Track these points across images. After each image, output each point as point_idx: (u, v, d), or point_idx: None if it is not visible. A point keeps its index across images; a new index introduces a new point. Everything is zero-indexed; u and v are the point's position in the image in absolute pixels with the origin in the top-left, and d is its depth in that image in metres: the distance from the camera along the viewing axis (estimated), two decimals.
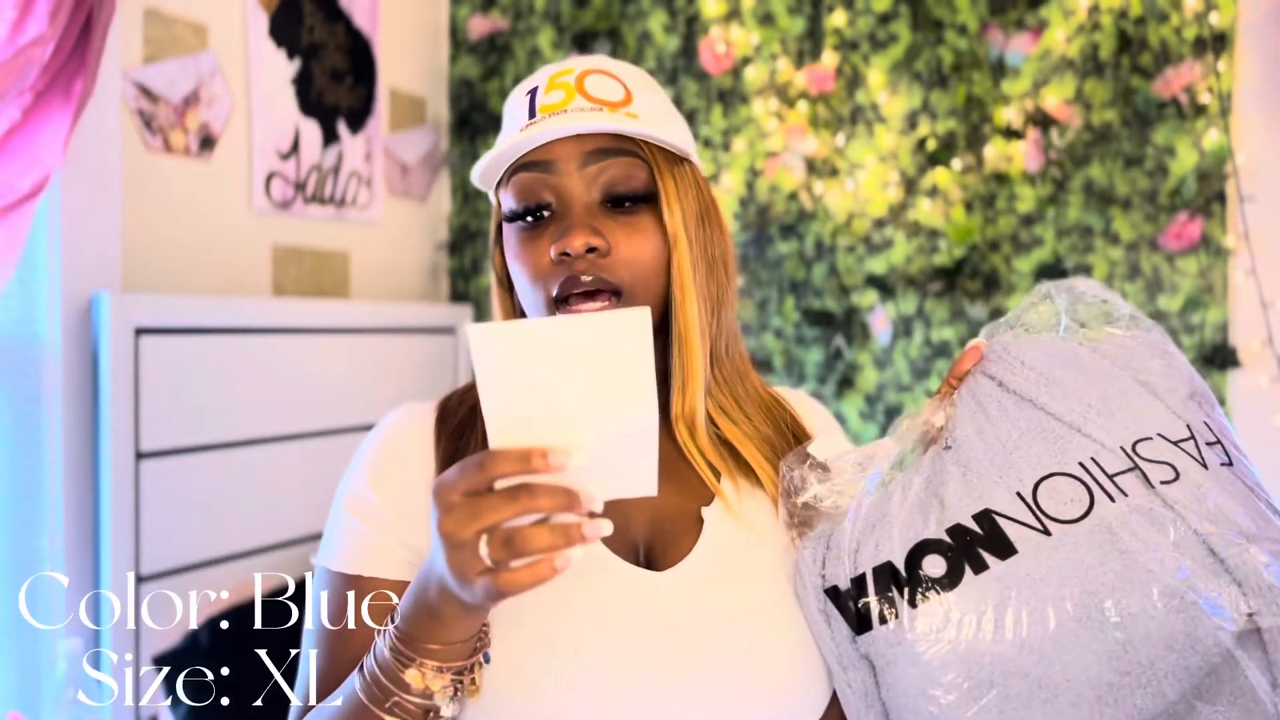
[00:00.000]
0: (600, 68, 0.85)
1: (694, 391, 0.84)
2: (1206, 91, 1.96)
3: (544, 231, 0.81)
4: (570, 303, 0.79)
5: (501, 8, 2.55)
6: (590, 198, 0.81)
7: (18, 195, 1.48)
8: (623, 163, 0.81)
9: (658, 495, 0.82)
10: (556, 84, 0.83)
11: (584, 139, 0.80)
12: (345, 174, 2.29)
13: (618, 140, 0.81)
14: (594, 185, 0.81)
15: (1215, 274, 1.99)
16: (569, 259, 0.79)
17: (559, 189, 0.81)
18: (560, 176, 0.81)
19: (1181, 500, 0.70)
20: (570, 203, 0.81)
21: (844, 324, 2.26)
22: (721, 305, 0.87)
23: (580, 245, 0.78)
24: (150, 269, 1.84)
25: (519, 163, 0.82)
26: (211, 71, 1.95)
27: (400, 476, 0.83)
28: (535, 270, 0.81)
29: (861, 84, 2.23)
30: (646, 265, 0.81)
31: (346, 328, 2.17)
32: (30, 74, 1.43)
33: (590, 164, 0.80)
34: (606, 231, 0.80)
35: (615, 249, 0.79)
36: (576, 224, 0.79)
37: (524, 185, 0.81)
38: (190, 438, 1.79)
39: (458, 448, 0.84)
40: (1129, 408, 0.76)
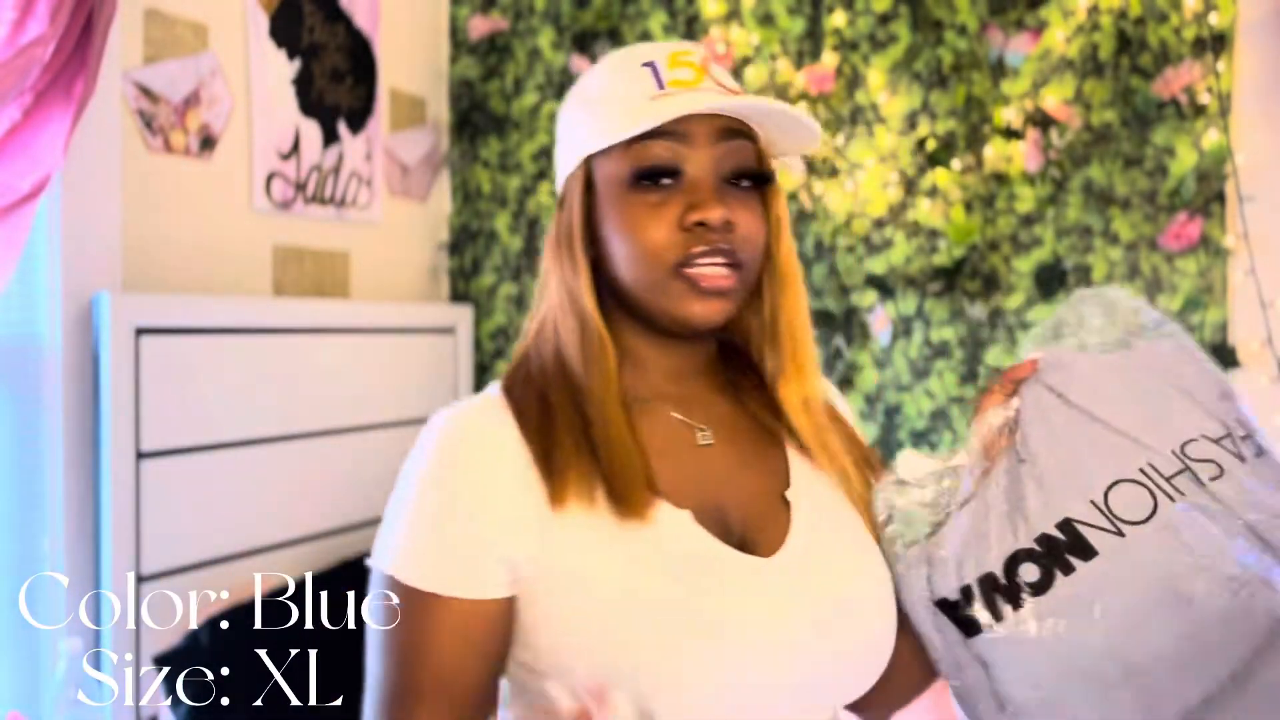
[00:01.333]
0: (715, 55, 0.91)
1: (811, 373, 0.89)
2: (1206, 92, 1.96)
3: (668, 200, 0.82)
4: (695, 265, 0.81)
5: (501, 8, 2.55)
6: (719, 174, 0.83)
7: (18, 195, 1.48)
8: (746, 145, 0.84)
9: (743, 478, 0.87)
10: (681, 62, 0.85)
11: (716, 118, 0.83)
12: (345, 174, 2.29)
13: (740, 125, 0.84)
14: (723, 162, 0.83)
15: (1215, 274, 1.99)
16: (703, 229, 0.81)
17: (691, 160, 0.82)
18: (693, 149, 0.82)
19: (1228, 494, 0.79)
20: (702, 174, 0.82)
21: (844, 324, 2.26)
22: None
23: (720, 217, 0.80)
24: (150, 269, 1.85)
25: (652, 131, 0.82)
26: (212, 72, 1.95)
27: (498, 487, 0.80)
28: (658, 237, 0.81)
29: (861, 84, 2.23)
30: (758, 245, 0.84)
31: (347, 328, 2.17)
32: (31, 74, 1.43)
33: (721, 142, 0.83)
34: (732, 208, 0.82)
35: (739, 225, 0.82)
36: (714, 196, 0.81)
37: (657, 151, 0.82)
38: (190, 438, 1.79)
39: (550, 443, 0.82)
40: (1172, 413, 0.84)
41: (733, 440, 0.89)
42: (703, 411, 0.89)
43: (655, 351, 0.88)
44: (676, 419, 0.88)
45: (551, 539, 0.79)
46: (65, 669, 1.49)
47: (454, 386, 2.48)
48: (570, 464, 0.81)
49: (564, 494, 0.80)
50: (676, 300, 0.82)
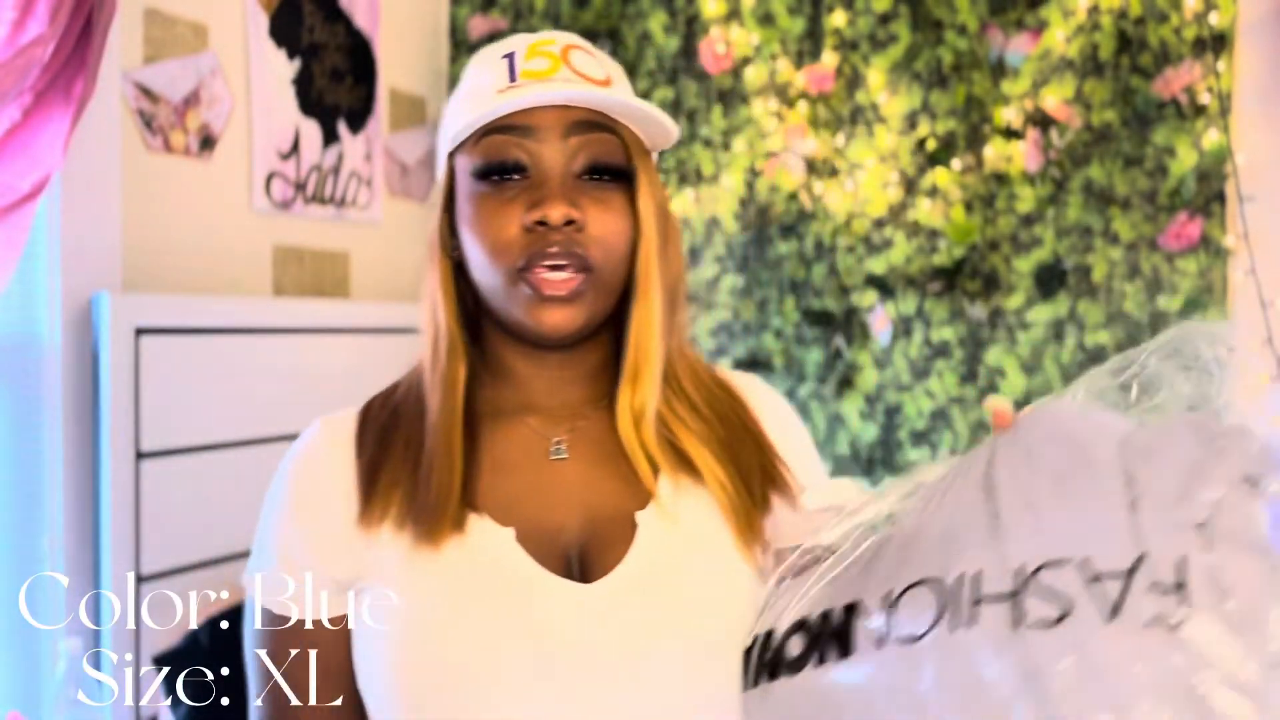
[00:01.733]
0: (582, 44, 0.82)
1: (647, 386, 0.80)
2: (1206, 91, 1.96)
3: (514, 198, 0.77)
4: (535, 271, 0.75)
5: (501, 8, 2.55)
6: (569, 169, 0.78)
7: (18, 195, 1.48)
8: (605, 139, 0.78)
9: (594, 496, 0.79)
10: (540, 52, 0.79)
11: (569, 110, 0.77)
12: (345, 174, 2.29)
13: (601, 117, 0.78)
14: (575, 157, 0.78)
15: (1215, 274, 1.99)
16: (544, 229, 0.75)
17: (538, 155, 0.77)
18: (541, 143, 0.77)
19: (1040, 654, 0.56)
20: (549, 171, 0.77)
21: (844, 324, 2.26)
22: (677, 299, 0.85)
23: (560, 215, 0.75)
24: (150, 269, 1.85)
25: (493, 125, 0.78)
26: (212, 71, 1.95)
27: (320, 506, 0.80)
28: (501, 238, 0.76)
29: (861, 84, 2.23)
30: (617, 246, 0.78)
31: (347, 328, 2.17)
32: (30, 74, 1.43)
33: (573, 135, 0.77)
34: (582, 206, 0.76)
35: (589, 224, 0.76)
36: (556, 193, 0.76)
37: (498, 146, 0.77)
38: (190, 438, 1.79)
39: (380, 458, 0.80)
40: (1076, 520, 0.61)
41: (595, 458, 0.82)
42: (569, 426, 0.83)
43: (524, 362, 0.83)
44: (532, 432, 0.82)
45: (363, 561, 0.77)
46: (65, 669, 1.49)
47: None
48: (391, 483, 0.78)
49: (375, 514, 0.77)
50: (522, 307, 0.77)
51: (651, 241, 0.80)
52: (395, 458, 0.80)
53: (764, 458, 0.85)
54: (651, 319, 0.80)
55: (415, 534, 0.76)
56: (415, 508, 0.77)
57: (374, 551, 0.77)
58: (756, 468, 0.83)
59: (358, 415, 0.86)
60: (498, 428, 0.82)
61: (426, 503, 0.76)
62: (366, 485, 0.79)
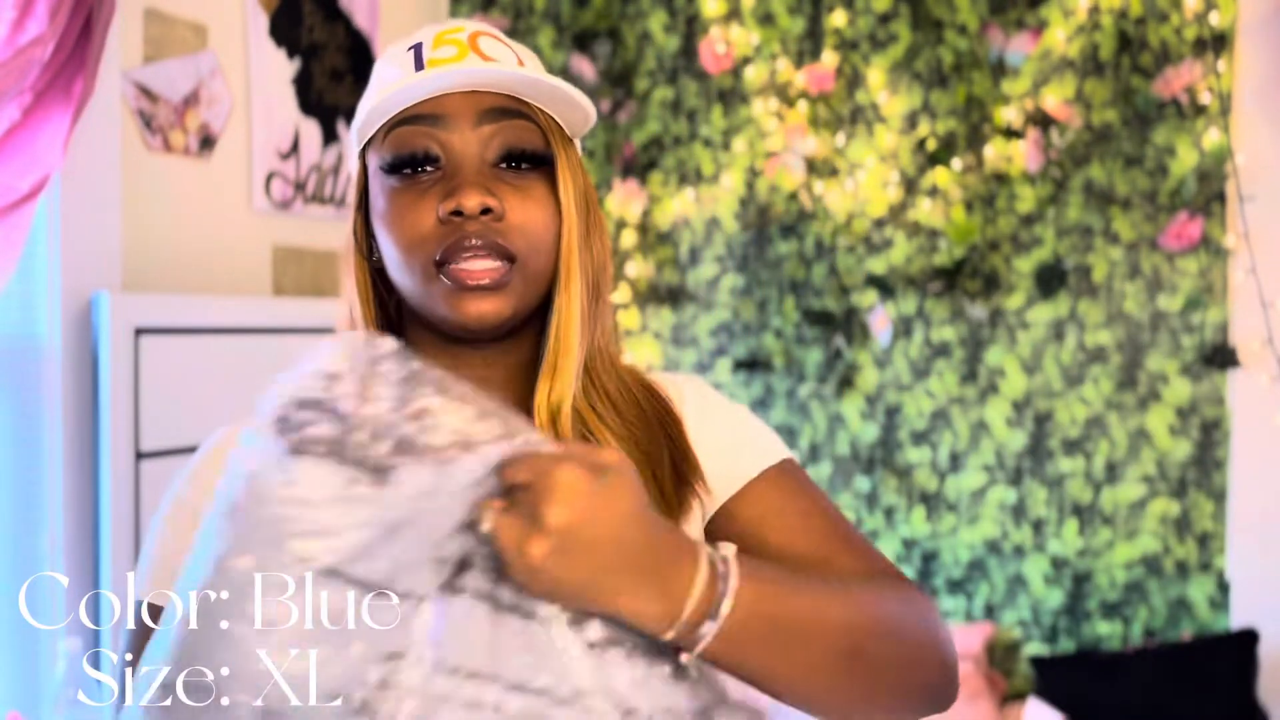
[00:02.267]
0: (492, 31, 0.79)
1: (564, 380, 0.77)
2: (1206, 91, 1.96)
3: (428, 191, 0.74)
4: (456, 263, 0.72)
5: (501, 8, 2.55)
6: (484, 158, 0.74)
7: (17, 195, 1.47)
8: (520, 125, 0.75)
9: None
10: (446, 40, 0.76)
11: (479, 96, 0.74)
12: (345, 174, 2.29)
13: (516, 103, 0.75)
14: (489, 144, 0.74)
15: (1215, 274, 1.99)
16: (460, 219, 0.72)
17: (449, 145, 0.74)
18: (451, 132, 0.74)
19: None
20: (462, 160, 0.74)
21: (844, 324, 2.26)
22: (601, 291, 0.81)
23: (475, 204, 0.71)
24: (150, 269, 1.84)
25: (400, 117, 0.75)
26: (211, 71, 1.95)
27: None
28: (416, 231, 0.73)
29: (861, 84, 2.23)
30: (541, 235, 0.75)
31: None
32: (30, 74, 1.43)
33: (486, 123, 0.74)
34: (500, 194, 0.73)
35: (509, 213, 0.73)
36: (470, 181, 0.72)
37: (408, 137, 0.74)
38: (190, 438, 1.79)
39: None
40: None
41: None
42: None
43: (444, 358, 0.77)
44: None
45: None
46: (65, 669, 1.49)
47: None
48: None
49: None
50: (442, 301, 0.73)
51: (572, 230, 0.76)
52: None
53: (680, 460, 0.80)
54: (572, 311, 0.77)
55: None
56: None
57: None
58: (670, 471, 0.78)
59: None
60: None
61: None
62: None
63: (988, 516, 2.17)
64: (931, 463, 2.21)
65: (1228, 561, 2.00)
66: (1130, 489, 2.07)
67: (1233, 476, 2.00)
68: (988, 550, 2.17)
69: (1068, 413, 2.11)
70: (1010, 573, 2.16)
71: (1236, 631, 1.95)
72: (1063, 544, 2.12)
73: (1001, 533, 2.16)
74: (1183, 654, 1.95)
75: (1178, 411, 2.03)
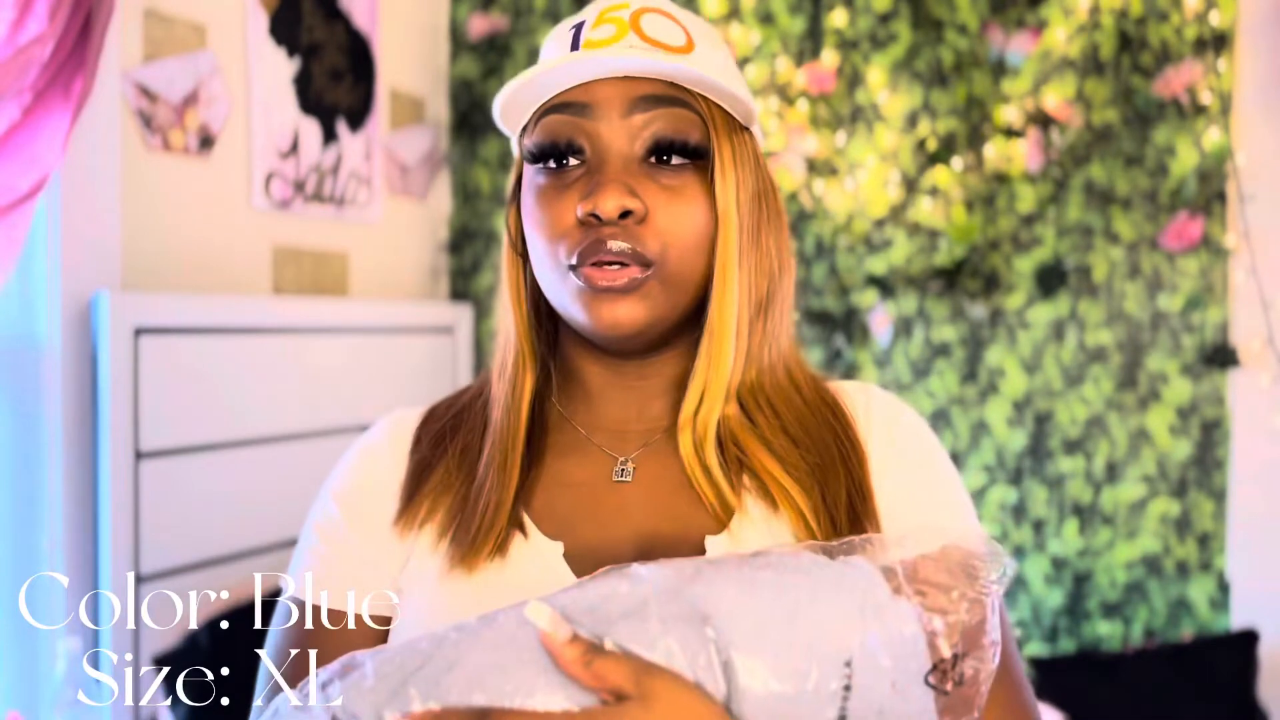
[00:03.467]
0: (660, 7, 0.72)
1: (713, 400, 0.70)
2: (1207, 91, 1.96)
3: (571, 185, 0.69)
4: (585, 270, 0.67)
5: (501, 7, 2.55)
6: (631, 151, 0.68)
7: (17, 195, 1.47)
8: (675, 114, 0.68)
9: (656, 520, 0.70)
10: (608, 18, 0.70)
11: (633, 83, 0.68)
12: (345, 173, 2.28)
13: (673, 89, 0.68)
14: (638, 137, 0.68)
15: (1215, 274, 1.99)
16: (598, 221, 0.66)
17: (595, 136, 0.68)
18: (599, 122, 0.68)
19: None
20: (607, 154, 0.68)
21: (844, 324, 2.25)
22: (770, 303, 0.73)
23: (614, 207, 0.65)
24: (150, 269, 1.84)
25: (551, 103, 0.70)
26: (211, 71, 1.95)
27: (370, 493, 0.75)
28: (555, 229, 0.68)
29: (861, 83, 2.23)
30: (687, 239, 0.68)
31: (346, 327, 2.16)
32: (30, 73, 1.43)
33: (637, 112, 0.68)
34: (645, 194, 0.67)
35: (653, 214, 0.67)
36: (611, 180, 0.66)
37: (554, 126, 0.69)
38: (190, 438, 1.79)
39: (431, 462, 0.75)
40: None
41: (665, 480, 0.72)
42: (640, 444, 0.74)
43: (598, 371, 0.75)
44: (599, 451, 0.74)
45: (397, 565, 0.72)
46: (65, 669, 1.48)
47: (453, 386, 2.48)
48: (439, 489, 0.73)
49: (413, 519, 0.72)
50: (575, 305, 0.68)
51: (730, 234, 0.69)
52: (448, 464, 0.74)
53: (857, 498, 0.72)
54: (725, 323, 0.70)
55: (452, 554, 0.69)
56: (459, 525, 0.71)
57: (410, 559, 0.72)
58: (845, 505, 0.70)
59: (423, 413, 0.80)
60: (563, 442, 0.75)
61: (470, 523, 0.70)
62: (410, 487, 0.74)
63: (988, 517, 2.17)
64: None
65: (1228, 561, 2.00)
66: (1130, 489, 2.07)
67: (1233, 476, 2.00)
68: None
69: (1068, 413, 2.10)
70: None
71: (1236, 632, 1.95)
72: (1063, 544, 2.11)
73: (1001, 533, 2.16)
74: (1183, 654, 1.95)
75: (1178, 411, 2.03)
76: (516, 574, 0.69)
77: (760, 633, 0.55)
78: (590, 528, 0.71)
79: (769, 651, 0.55)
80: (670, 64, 0.67)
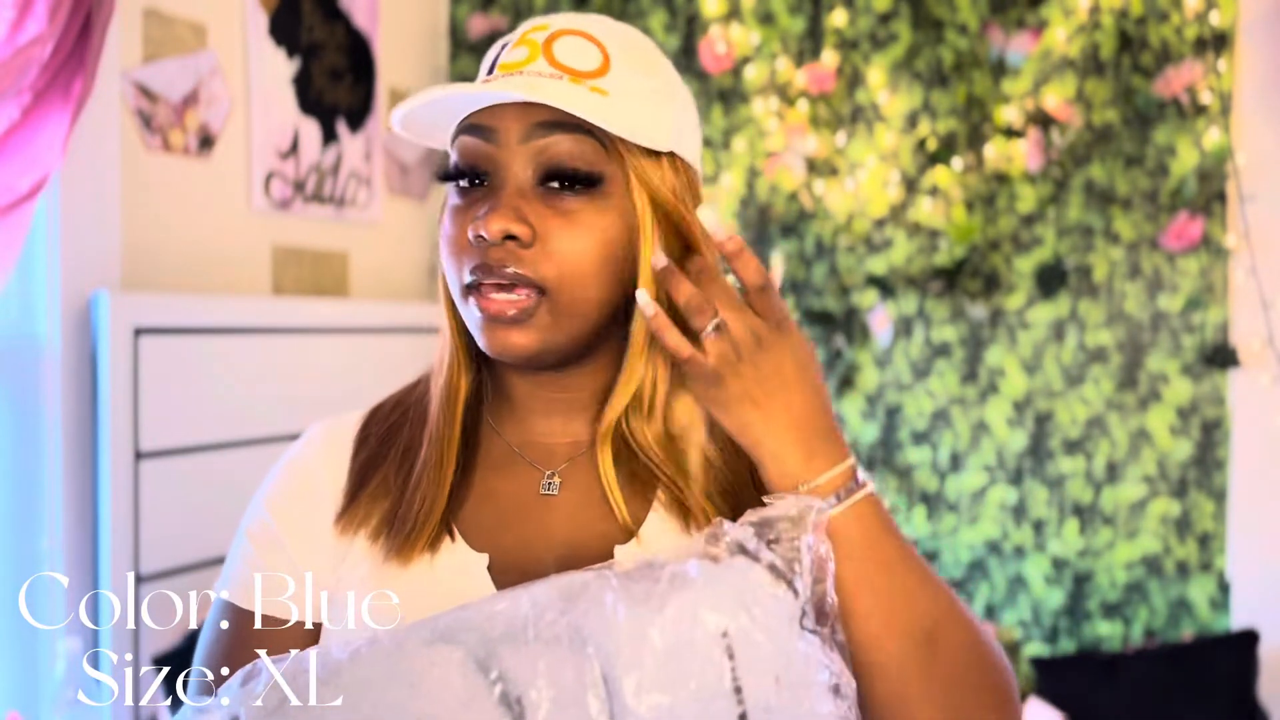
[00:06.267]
0: (580, 29, 0.72)
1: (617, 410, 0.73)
2: (1207, 91, 1.96)
3: (473, 204, 0.70)
4: (482, 291, 0.69)
5: (501, 7, 2.55)
6: (526, 176, 0.69)
7: (17, 195, 1.47)
8: (570, 140, 0.68)
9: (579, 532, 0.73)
10: (525, 40, 0.71)
11: (532, 109, 0.68)
12: (345, 173, 2.28)
13: (570, 115, 0.68)
14: (533, 162, 0.69)
15: (1215, 274, 1.99)
16: (485, 243, 0.68)
17: (495, 160, 0.70)
18: (499, 147, 0.69)
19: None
20: (505, 177, 0.69)
21: (844, 324, 2.25)
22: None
23: (497, 231, 0.67)
24: (150, 269, 1.84)
25: (465, 123, 0.71)
26: (211, 71, 1.95)
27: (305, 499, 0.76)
28: (456, 245, 0.71)
29: (862, 83, 2.23)
30: (581, 263, 0.68)
31: (346, 327, 2.16)
32: (29, 73, 1.43)
33: (534, 138, 0.68)
34: (536, 218, 0.68)
35: (545, 239, 0.68)
36: (499, 205, 0.68)
37: (463, 148, 0.71)
38: (190, 438, 1.79)
39: (375, 461, 0.77)
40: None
41: (588, 492, 0.74)
42: (567, 457, 0.76)
43: (521, 382, 0.76)
44: (526, 465, 0.76)
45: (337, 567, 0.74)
46: (65, 669, 1.49)
47: None
48: (378, 490, 0.75)
49: (354, 519, 0.74)
50: (475, 327, 0.71)
51: (646, 253, 0.70)
52: (390, 463, 0.76)
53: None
54: (638, 338, 0.71)
55: (387, 548, 0.72)
56: (395, 520, 0.73)
57: (347, 559, 0.74)
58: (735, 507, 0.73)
59: (364, 415, 0.82)
60: (493, 455, 0.77)
61: (406, 516, 0.72)
62: (352, 488, 0.76)
63: (988, 516, 2.17)
64: (932, 463, 2.21)
65: (1228, 561, 2.00)
66: (1130, 489, 2.07)
67: (1233, 476, 2.00)
68: (988, 550, 2.17)
69: (1068, 413, 2.10)
70: (1010, 573, 2.16)
71: (1237, 632, 1.95)
72: (1063, 544, 2.11)
73: (1002, 533, 2.16)
74: (1183, 654, 1.95)
75: (1178, 411, 2.03)
76: (442, 582, 0.71)
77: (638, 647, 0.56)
78: (514, 540, 0.73)
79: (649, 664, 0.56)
80: (565, 90, 0.68)
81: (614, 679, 0.56)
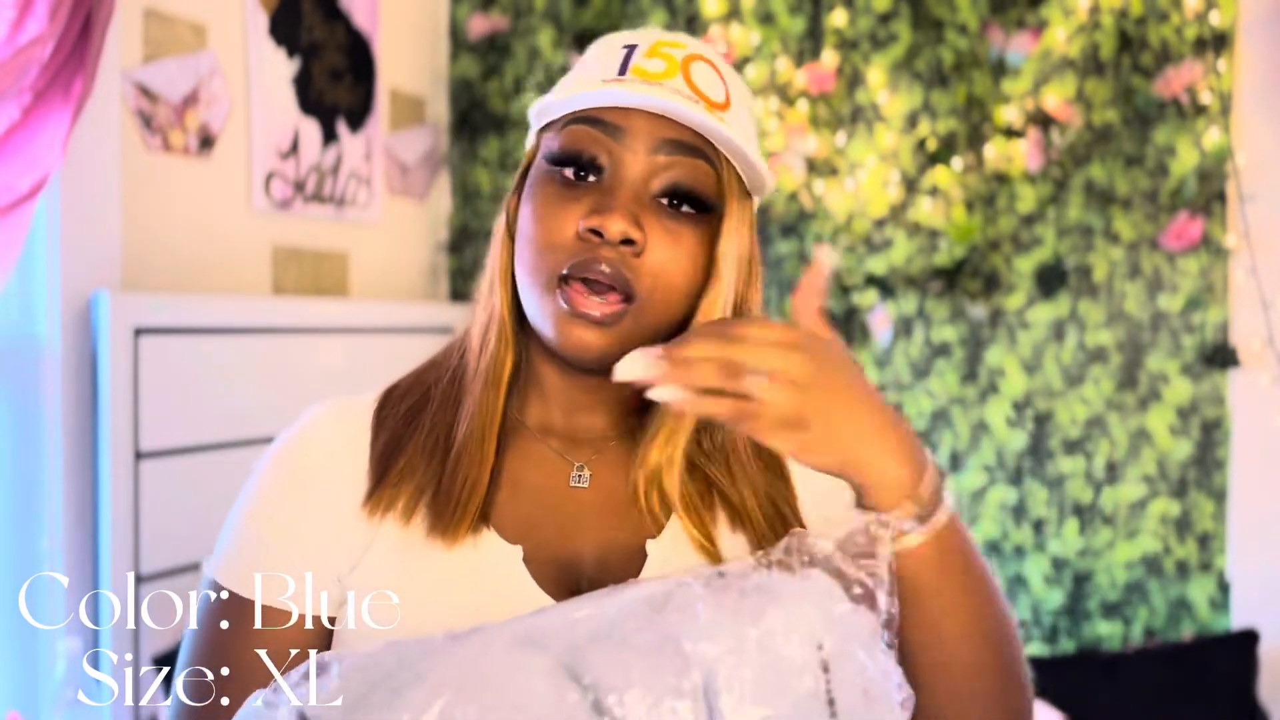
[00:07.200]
0: (710, 58, 0.74)
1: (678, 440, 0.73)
2: (1207, 91, 1.96)
3: (581, 196, 0.70)
4: (573, 286, 0.68)
5: (501, 7, 2.55)
6: (647, 187, 0.70)
7: (17, 195, 1.47)
8: (697, 166, 0.70)
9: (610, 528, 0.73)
10: (661, 53, 0.72)
11: (667, 123, 0.70)
12: (345, 174, 2.28)
13: (700, 141, 0.71)
14: (658, 176, 0.70)
15: (1215, 274, 1.99)
16: (598, 240, 0.68)
17: (618, 160, 0.70)
18: (625, 148, 0.70)
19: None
20: (624, 179, 0.69)
21: (844, 324, 2.25)
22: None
23: (618, 231, 0.67)
24: (150, 269, 1.84)
25: (584, 113, 0.71)
26: (211, 71, 1.95)
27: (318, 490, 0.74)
28: (553, 236, 0.69)
29: (861, 83, 2.23)
30: (675, 282, 0.70)
31: (346, 327, 2.16)
32: (30, 73, 1.43)
33: (662, 153, 0.70)
34: (648, 229, 0.69)
35: (649, 251, 0.69)
36: (618, 207, 0.68)
37: (582, 137, 0.70)
38: (190, 438, 1.79)
39: (401, 439, 0.75)
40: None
41: (617, 487, 0.75)
42: (594, 450, 0.76)
43: (557, 376, 0.76)
44: (555, 455, 0.76)
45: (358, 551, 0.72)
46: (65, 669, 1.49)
47: None
48: (407, 469, 0.73)
49: (383, 500, 0.72)
50: (551, 319, 0.70)
51: (722, 289, 0.72)
52: (415, 443, 0.74)
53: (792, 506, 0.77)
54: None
55: (430, 526, 0.70)
56: (434, 499, 0.71)
57: (374, 541, 0.71)
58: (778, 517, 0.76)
59: (378, 396, 0.80)
60: (521, 442, 0.76)
61: (450, 493, 0.71)
62: (379, 467, 0.73)
63: (988, 516, 2.17)
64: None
65: (1228, 561, 2.00)
66: (1130, 489, 2.07)
67: (1233, 476, 2.00)
68: (988, 550, 2.17)
69: (1068, 413, 2.10)
70: (1010, 573, 2.16)
71: (1237, 632, 1.95)
72: (1063, 544, 2.11)
73: (1001, 533, 2.16)
74: (1183, 654, 1.95)
75: (1178, 411, 2.03)
76: (478, 570, 0.70)
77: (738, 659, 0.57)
78: (549, 533, 0.73)
79: (749, 676, 0.57)
80: (710, 120, 0.70)
81: (713, 690, 0.56)
